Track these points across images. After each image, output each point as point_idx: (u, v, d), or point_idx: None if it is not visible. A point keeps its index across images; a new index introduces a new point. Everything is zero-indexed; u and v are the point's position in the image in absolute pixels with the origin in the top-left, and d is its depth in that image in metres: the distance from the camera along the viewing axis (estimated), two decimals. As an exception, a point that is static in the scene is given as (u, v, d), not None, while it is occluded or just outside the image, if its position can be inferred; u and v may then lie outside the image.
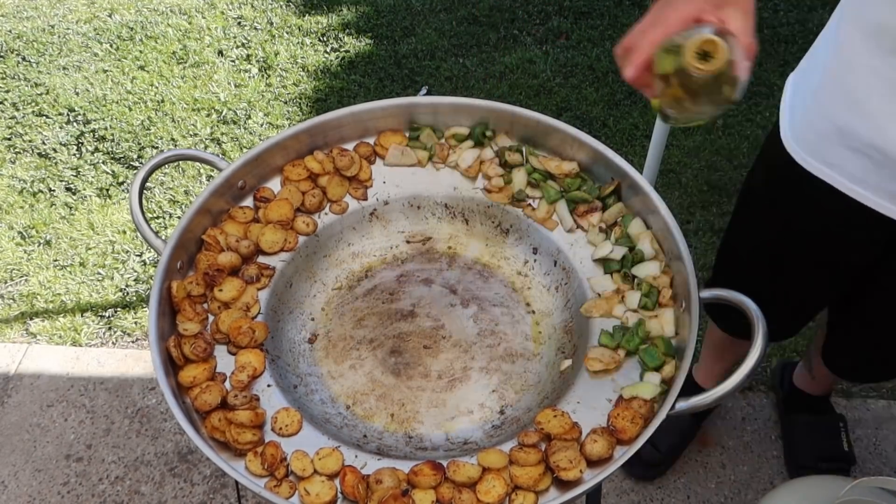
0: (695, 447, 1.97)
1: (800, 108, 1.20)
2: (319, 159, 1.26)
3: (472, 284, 1.23)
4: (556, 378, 1.11)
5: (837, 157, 1.13)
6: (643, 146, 2.67)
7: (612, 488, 1.90)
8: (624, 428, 0.98)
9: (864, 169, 1.11)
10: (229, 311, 1.12)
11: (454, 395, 1.11)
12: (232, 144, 2.77)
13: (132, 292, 2.37)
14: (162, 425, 2.07)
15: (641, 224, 1.18)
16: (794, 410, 1.95)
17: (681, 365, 1.02)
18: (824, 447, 1.89)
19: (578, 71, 2.95)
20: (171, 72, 3.06)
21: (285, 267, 1.20)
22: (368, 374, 1.14)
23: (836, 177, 1.15)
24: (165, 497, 1.94)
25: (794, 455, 1.92)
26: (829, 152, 1.14)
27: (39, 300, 2.35)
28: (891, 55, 1.00)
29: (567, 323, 1.17)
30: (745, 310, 1.02)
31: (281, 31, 3.21)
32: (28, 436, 2.06)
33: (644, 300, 1.11)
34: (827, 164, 1.16)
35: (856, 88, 1.06)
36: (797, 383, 1.95)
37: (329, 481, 0.97)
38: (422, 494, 0.95)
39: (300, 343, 1.17)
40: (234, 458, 0.99)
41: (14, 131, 2.87)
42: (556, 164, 1.24)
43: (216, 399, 1.02)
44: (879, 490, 1.31)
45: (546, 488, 0.96)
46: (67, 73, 3.07)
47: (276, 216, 1.22)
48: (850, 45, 1.05)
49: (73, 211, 2.59)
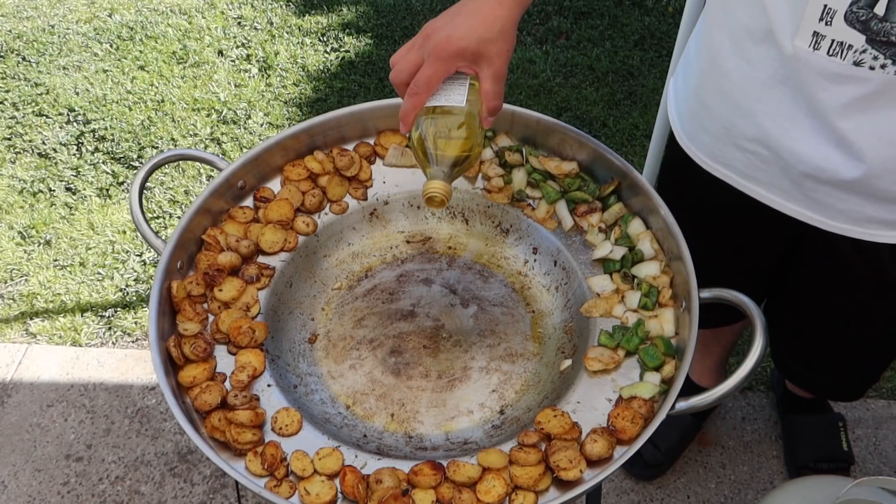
0: (695, 447, 1.97)
1: (687, 111, 1.24)
2: (319, 159, 1.26)
3: (472, 284, 1.23)
4: (556, 378, 1.11)
5: (730, 156, 1.17)
6: (643, 146, 2.67)
7: (612, 488, 1.90)
8: (624, 428, 0.98)
9: (753, 166, 1.15)
10: (229, 311, 1.12)
11: (454, 395, 1.11)
12: (232, 144, 2.77)
13: (132, 292, 2.37)
14: (162, 425, 2.07)
15: (641, 224, 1.18)
16: (793, 411, 1.95)
17: (681, 365, 1.02)
18: (823, 447, 1.89)
19: (578, 71, 2.95)
20: (171, 72, 3.06)
21: (285, 267, 1.20)
22: (368, 374, 1.14)
23: (731, 175, 1.20)
24: (165, 497, 1.94)
25: (793, 456, 1.92)
26: (721, 152, 1.19)
27: (39, 300, 2.35)
28: (755, 54, 1.03)
29: (567, 323, 1.17)
30: (745, 309, 1.02)
31: (281, 31, 3.21)
32: (28, 436, 2.06)
33: (644, 300, 1.11)
34: (721, 163, 1.20)
35: (731, 90, 1.10)
36: (790, 386, 1.95)
37: (329, 481, 0.97)
38: (422, 494, 0.95)
39: (300, 343, 1.17)
40: (234, 458, 0.99)
41: (14, 131, 2.87)
42: (556, 164, 1.24)
43: (216, 399, 1.02)
44: (879, 490, 1.31)
45: (546, 488, 0.96)
46: (67, 72, 3.07)
47: (276, 216, 1.22)
48: (720, 47, 1.09)
49: (73, 211, 2.59)
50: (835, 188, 1.08)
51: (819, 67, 0.96)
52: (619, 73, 2.95)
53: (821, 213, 1.14)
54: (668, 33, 3.08)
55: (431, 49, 0.97)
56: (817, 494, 1.39)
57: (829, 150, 1.04)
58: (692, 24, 1.77)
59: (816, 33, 0.94)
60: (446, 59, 0.97)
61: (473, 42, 0.96)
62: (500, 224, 1.27)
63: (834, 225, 1.14)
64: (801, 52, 0.97)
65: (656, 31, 3.10)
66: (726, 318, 1.60)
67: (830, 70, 0.96)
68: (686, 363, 1.01)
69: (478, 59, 0.98)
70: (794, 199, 1.15)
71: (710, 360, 1.85)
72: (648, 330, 1.09)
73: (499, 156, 1.28)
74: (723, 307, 1.06)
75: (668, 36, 3.07)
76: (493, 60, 0.97)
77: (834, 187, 1.08)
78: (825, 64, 0.96)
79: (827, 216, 1.13)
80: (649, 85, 2.90)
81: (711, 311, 1.17)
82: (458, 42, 0.96)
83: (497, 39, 0.97)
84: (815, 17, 0.93)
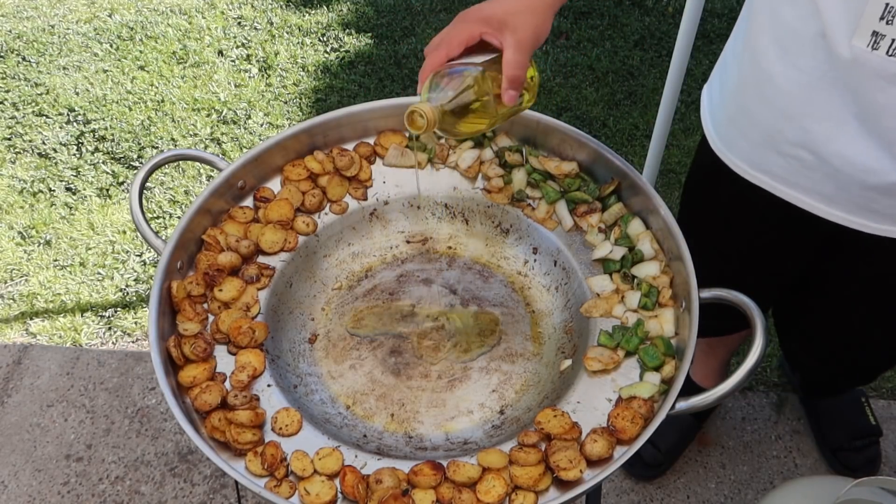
0: (695, 447, 1.97)
1: (724, 118, 1.23)
2: (319, 159, 1.26)
3: (472, 284, 1.23)
4: (556, 378, 1.11)
5: (770, 162, 1.16)
6: (643, 146, 2.67)
7: (612, 488, 1.90)
8: (624, 428, 0.98)
9: (795, 172, 1.13)
10: (229, 311, 1.12)
11: (454, 395, 1.11)
12: (232, 144, 2.77)
13: (132, 292, 2.37)
14: (162, 425, 2.07)
15: (641, 224, 1.18)
16: (815, 394, 1.98)
17: (681, 365, 1.02)
18: (854, 425, 1.92)
19: (578, 71, 2.95)
20: (171, 72, 3.06)
21: (285, 267, 1.20)
22: (368, 374, 1.14)
23: (769, 182, 1.18)
24: (165, 497, 1.94)
25: (825, 439, 1.94)
26: (761, 158, 1.17)
27: (39, 300, 2.35)
28: (802, 58, 1.02)
29: (567, 323, 1.17)
30: (745, 309, 1.02)
31: (281, 31, 3.21)
32: (28, 436, 2.06)
33: (644, 300, 1.11)
34: (761, 169, 1.18)
35: (775, 95, 1.09)
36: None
37: (329, 481, 0.97)
38: (422, 494, 0.95)
39: (300, 343, 1.17)
40: (234, 458, 0.99)
41: (14, 131, 2.87)
42: (556, 165, 1.24)
43: (216, 399, 1.02)
44: (879, 490, 1.31)
45: (546, 488, 0.96)
46: (67, 73, 3.07)
47: (276, 216, 1.22)
48: (765, 52, 1.08)
49: (73, 211, 2.59)
50: (882, 190, 1.07)
51: (877, 68, 0.95)
52: (619, 73, 2.95)
53: (864, 217, 1.13)
54: (668, 33, 3.08)
55: (459, 16, 0.99)
56: (817, 494, 1.39)
57: (879, 153, 1.03)
58: (692, 24, 1.77)
59: (876, 33, 0.92)
60: (471, 22, 0.98)
61: (500, 12, 0.97)
62: (500, 224, 1.27)
63: (878, 227, 1.13)
64: (858, 52, 0.95)
65: (656, 31, 3.10)
66: (735, 326, 1.60)
67: (889, 71, 0.94)
68: (686, 363, 1.01)
69: (503, 27, 0.97)
70: (836, 204, 1.13)
71: (715, 362, 1.85)
72: (648, 330, 1.09)
73: (499, 156, 1.28)
74: (730, 315, 1.06)
75: (668, 36, 3.07)
76: (517, 29, 0.96)
77: (881, 190, 1.07)
78: (884, 64, 0.94)
79: (871, 219, 1.12)
80: (649, 85, 2.90)
81: (719, 318, 1.17)
82: (486, 10, 0.98)
83: (525, 12, 0.97)
84: (876, 16, 0.91)
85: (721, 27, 3.09)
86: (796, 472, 1.94)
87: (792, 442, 1.99)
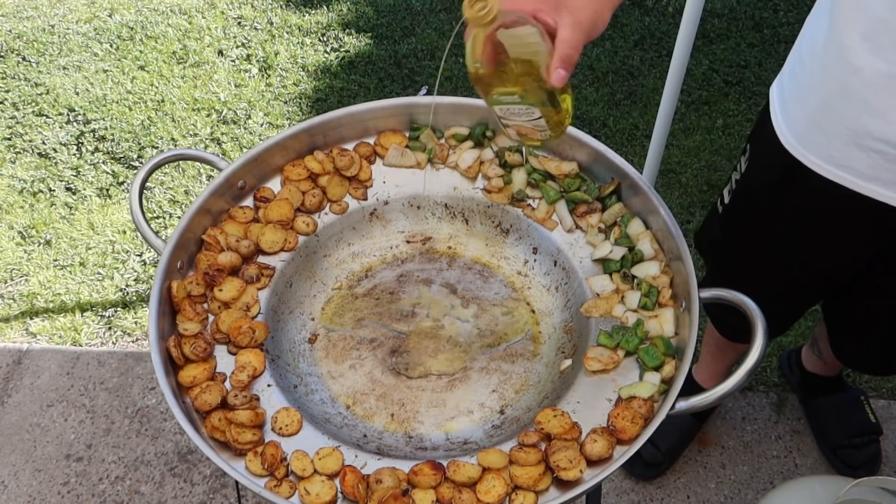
0: (695, 447, 1.97)
1: (799, 115, 1.21)
2: (319, 159, 1.26)
3: (472, 284, 1.23)
4: (556, 378, 1.11)
5: (850, 157, 1.14)
6: (643, 146, 2.67)
7: (612, 488, 1.90)
8: (624, 428, 0.98)
9: (877, 166, 1.12)
10: (229, 311, 1.12)
11: (454, 395, 1.11)
12: (232, 144, 2.77)
13: (132, 292, 2.37)
14: (162, 425, 2.07)
15: (641, 224, 1.18)
16: (813, 394, 1.97)
17: (681, 365, 1.02)
18: (854, 423, 1.91)
19: (578, 71, 2.95)
20: (171, 72, 3.06)
21: (285, 267, 1.20)
22: (368, 374, 1.14)
23: (848, 177, 1.16)
24: (165, 497, 1.94)
25: (825, 437, 1.94)
26: (841, 154, 1.15)
27: (39, 300, 2.35)
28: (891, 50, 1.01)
29: (567, 323, 1.17)
30: (746, 309, 1.02)
31: (281, 31, 3.21)
32: (28, 436, 2.06)
33: (644, 300, 1.11)
34: (839, 165, 1.16)
35: (861, 88, 1.07)
36: (808, 367, 1.96)
37: (329, 481, 0.97)
38: (422, 494, 0.95)
39: (300, 343, 1.17)
40: (234, 458, 1.00)
41: (14, 131, 2.87)
42: (556, 165, 1.24)
43: (216, 399, 1.02)
44: (879, 490, 1.31)
45: (546, 488, 0.96)
46: (67, 72, 3.07)
47: (276, 216, 1.22)
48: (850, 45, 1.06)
49: (73, 211, 2.59)
50: None
51: None
52: (619, 73, 2.95)
53: None
54: (668, 33, 3.08)
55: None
56: (817, 494, 1.39)
57: None
58: (692, 24, 1.77)
59: None
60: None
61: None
62: (500, 224, 1.27)
63: None
64: None
65: (656, 31, 3.10)
66: (747, 338, 1.60)
67: None
68: (686, 363, 1.01)
69: (560, 6, 0.91)
70: None
71: (721, 366, 1.84)
72: (648, 330, 1.09)
73: (499, 156, 1.28)
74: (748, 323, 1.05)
75: (668, 36, 3.07)
76: (575, 10, 0.91)
77: None
78: None
79: None
80: (649, 85, 2.90)
81: (735, 325, 1.14)
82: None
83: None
84: None
85: (721, 27, 3.09)
86: (796, 472, 1.94)
87: (792, 442, 1.99)
